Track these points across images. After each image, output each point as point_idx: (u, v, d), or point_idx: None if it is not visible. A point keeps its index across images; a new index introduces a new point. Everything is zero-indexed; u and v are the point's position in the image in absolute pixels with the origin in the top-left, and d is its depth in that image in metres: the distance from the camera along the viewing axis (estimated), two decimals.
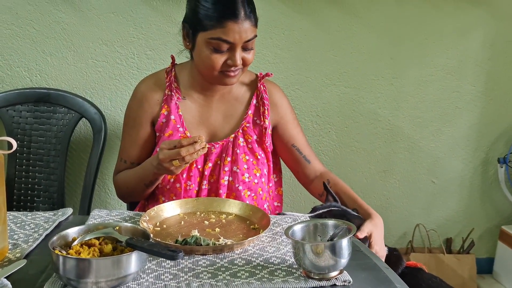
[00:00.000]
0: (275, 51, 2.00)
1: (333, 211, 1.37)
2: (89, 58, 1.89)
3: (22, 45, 1.86)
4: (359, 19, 2.02)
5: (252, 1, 1.29)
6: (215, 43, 1.25)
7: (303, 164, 1.47)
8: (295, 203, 2.16)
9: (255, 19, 1.29)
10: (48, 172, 1.81)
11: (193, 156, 1.17)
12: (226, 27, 1.23)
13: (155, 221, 1.18)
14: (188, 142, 1.16)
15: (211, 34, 1.25)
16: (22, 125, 1.81)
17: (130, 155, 1.42)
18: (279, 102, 1.46)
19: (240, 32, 1.24)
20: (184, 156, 1.16)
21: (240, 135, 1.40)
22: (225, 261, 0.99)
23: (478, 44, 2.12)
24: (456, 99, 2.17)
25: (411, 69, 2.11)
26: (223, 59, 1.27)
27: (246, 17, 1.25)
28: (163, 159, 1.19)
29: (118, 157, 1.46)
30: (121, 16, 1.88)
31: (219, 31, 1.24)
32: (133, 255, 0.86)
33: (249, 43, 1.28)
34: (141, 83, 1.45)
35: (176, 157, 1.17)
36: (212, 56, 1.27)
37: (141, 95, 1.42)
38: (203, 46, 1.27)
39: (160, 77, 1.43)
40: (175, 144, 1.17)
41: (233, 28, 1.23)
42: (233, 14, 1.23)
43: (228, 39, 1.24)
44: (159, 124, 1.39)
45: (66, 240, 0.93)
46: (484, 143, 2.24)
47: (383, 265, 1.02)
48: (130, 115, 1.44)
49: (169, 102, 1.39)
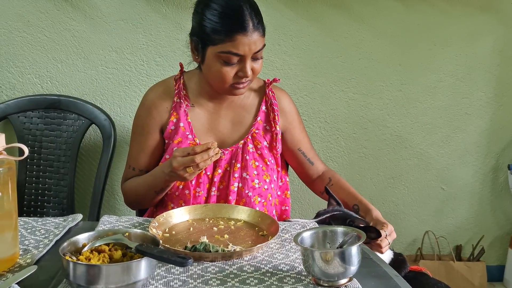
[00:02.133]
0: (283, 57, 2.01)
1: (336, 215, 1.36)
2: (99, 65, 1.91)
3: (33, 52, 1.88)
4: (367, 26, 2.02)
5: (259, 11, 1.29)
6: (225, 56, 1.25)
7: (307, 166, 1.51)
8: (303, 210, 2.15)
9: (263, 28, 1.29)
10: (58, 178, 1.83)
11: (206, 162, 1.17)
12: (235, 40, 1.23)
13: (164, 227, 1.18)
14: (202, 148, 1.16)
15: (221, 48, 1.25)
16: (33, 131, 1.83)
17: (139, 162, 1.43)
18: (288, 108, 1.47)
19: (249, 44, 1.24)
20: (198, 163, 1.17)
21: (250, 141, 1.41)
22: (234, 267, 0.99)
23: (487, 50, 2.11)
24: (465, 105, 2.16)
25: (419, 75, 2.11)
26: (233, 72, 1.28)
27: (254, 29, 1.25)
28: (177, 166, 1.19)
29: (127, 164, 1.46)
30: (131, 24, 1.90)
31: (229, 45, 1.24)
32: (142, 262, 0.87)
33: (258, 53, 1.28)
34: (149, 91, 1.46)
35: (190, 164, 1.17)
36: (222, 70, 1.27)
37: (150, 103, 1.42)
38: (213, 60, 1.27)
39: (168, 84, 1.44)
40: (188, 151, 1.17)
41: (242, 41, 1.23)
42: (242, 27, 1.23)
43: (238, 52, 1.24)
44: (168, 132, 1.40)
45: (76, 246, 0.93)
46: (494, 150, 2.22)
47: (393, 272, 1.02)
48: (138, 123, 1.44)
49: (178, 110, 1.40)
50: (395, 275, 1.00)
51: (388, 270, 1.02)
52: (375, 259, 1.08)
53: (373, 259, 1.08)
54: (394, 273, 1.02)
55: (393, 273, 1.02)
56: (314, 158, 1.51)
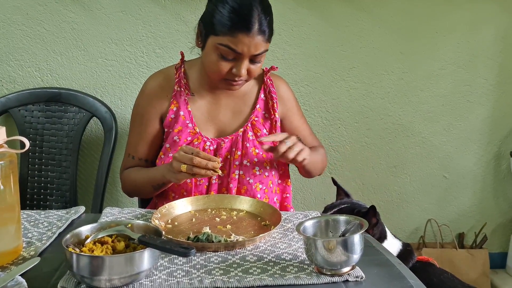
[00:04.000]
0: (284, 47, 2.00)
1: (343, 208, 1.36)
2: (98, 57, 1.90)
3: (32, 45, 1.87)
4: (368, 14, 2.01)
5: (269, 16, 1.27)
6: (223, 49, 1.24)
7: None
8: (306, 199, 2.16)
9: (270, 34, 1.27)
10: (60, 171, 1.83)
11: (201, 171, 1.18)
12: (236, 37, 1.23)
13: (167, 218, 1.18)
14: (205, 156, 1.18)
15: (220, 40, 1.24)
16: (34, 125, 1.83)
17: (138, 151, 1.43)
18: (286, 95, 1.48)
19: (249, 45, 1.24)
20: (194, 165, 1.17)
21: (249, 129, 1.41)
22: (236, 257, 0.99)
23: (489, 37, 2.10)
24: (467, 93, 2.15)
25: (421, 63, 2.09)
26: (228, 67, 1.27)
27: (259, 32, 1.24)
28: (177, 157, 1.21)
29: (126, 152, 1.46)
30: (130, 15, 1.89)
31: (229, 39, 1.23)
32: (145, 252, 0.87)
33: (257, 57, 1.27)
34: (150, 79, 1.45)
35: (188, 162, 1.18)
36: (218, 62, 1.27)
37: (150, 91, 1.42)
38: (211, 50, 1.27)
39: (169, 73, 1.43)
40: (193, 151, 1.19)
41: (243, 40, 1.23)
42: (246, 27, 1.22)
43: (236, 49, 1.24)
44: (167, 120, 1.40)
45: (79, 238, 0.94)
46: (497, 137, 2.21)
47: (395, 260, 1.02)
48: (138, 111, 1.44)
49: (178, 98, 1.39)
50: (397, 263, 1.01)
51: (390, 258, 1.02)
52: (378, 247, 1.09)
53: (375, 247, 1.08)
54: (397, 261, 1.02)
55: (396, 261, 1.02)
56: (310, 145, 1.50)
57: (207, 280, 0.89)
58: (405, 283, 0.92)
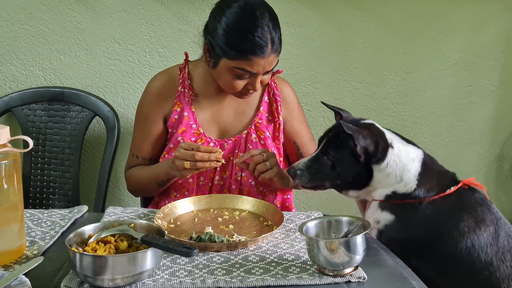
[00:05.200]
0: (286, 47, 1.99)
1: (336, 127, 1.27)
2: (101, 57, 1.91)
3: (36, 44, 1.88)
4: (371, 14, 2.01)
5: (279, 30, 1.28)
6: (238, 72, 1.26)
7: (298, 158, 1.51)
8: (308, 200, 2.16)
9: (280, 48, 1.29)
10: (63, 170, 1.83)
11: (205, 164, 1.19)
12: (251, 60, 1.23)
13: (169, 218, 1.19)
14: (206, 149, 1.19)
15: (236, 64, 1.24)
16: (36, 124, 1.83)
17: (142, 150, 1.44)
18: (289, 98, 1.47)
19: (264, 65, 1.26)
20: (197, 161, 1.18)
21: (253, 131, 1.41)
22: (239, 257, 1.00)
23: (492, 38, 2.09)
24: (470, 93, 2.14)
25: (424, 63, 2.09)
26: (243, 84, 1.29)
27: (272, 52, 1.25)
28: (178, 155, 1.21)
29: (130, 152, 1.48)
30: (133, 15, 1.89)
31: (244, 63, 1.24)
32: (148, 252, 0.87)
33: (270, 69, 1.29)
34: (154, 79, 1.45)
35: (190, 158, 1.19)
36: (233, 81, 1.28)
37: (154, 91, 1.42)
38: (225, 71, 1.27)
39: (173, 73, 1.43)
40: (193, 147, 1.20)
41: (258, 62, 1.24)
42: (261, 51, 1.23)
43: (252, 71, 1.25)
44: (171, 121, 1.40)
45: (82, 237, 0.94)
46: (499, 138, 2.21)
47: (397, 261, 1.02)
48: (142, 111, 1.44)
49: (182, 99, 1.40)
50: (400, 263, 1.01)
51: (393, 259, 1.02)
52: (380, 248, 1.09)
53: (378, 248, 1.08)
54: (399, 261, 1.02)
55: (398, 261, 1.02)
56: (307, 153, 1.49)
57: (210, 280, 0.89)
58: (407, 284, 0.92)
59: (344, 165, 1.20)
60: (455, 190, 1.21)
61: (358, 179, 1.22)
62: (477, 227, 1.17)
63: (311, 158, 1.25)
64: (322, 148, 1.24)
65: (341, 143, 1.20)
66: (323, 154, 1.23)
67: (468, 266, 1.14)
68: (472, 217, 1.18)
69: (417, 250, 1.16)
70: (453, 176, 1.28)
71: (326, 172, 1.22)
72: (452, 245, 1.15)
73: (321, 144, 1.25)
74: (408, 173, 1.21)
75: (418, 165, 1.23)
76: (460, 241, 1.15)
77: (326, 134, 1.27)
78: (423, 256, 1.16)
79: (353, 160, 1.20)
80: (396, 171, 1.21)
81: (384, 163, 1.20)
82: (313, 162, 1.24)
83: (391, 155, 1.21)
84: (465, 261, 1.14)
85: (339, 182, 1.24)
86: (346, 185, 1.24)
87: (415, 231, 1.18)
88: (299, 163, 1.26)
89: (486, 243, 1.16)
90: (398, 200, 1.21)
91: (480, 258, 1.14)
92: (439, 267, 1.16)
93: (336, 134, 1.22)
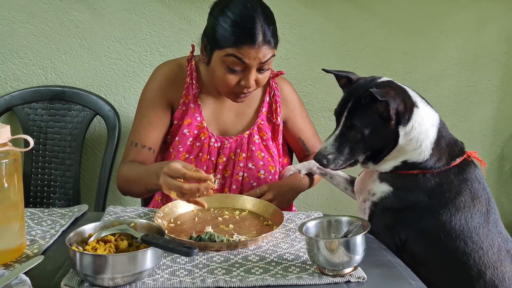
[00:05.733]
0: (287, 46, 1.99)
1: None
2: (102, 56, 1.91)
3: (36, 43, 1.88)
4: (372, 14, 2.00)
5: (273, 25, 1.26)
6: (229, 61, 1.23)
7: (305, 153, 1.55)
8: (308, 200, 2.15)
9: (275, 42, 1.26)
10: (63, 169, 1.83)
11: (193, 196, 1.05)
12: (242, 49, 1.22)
13: (169, 217, 1.19)
14: (194, 177, 1.04)
15: (227, 52, 1.23)
16: (37, 123, 1.83)
17: (143, 137, 1.37)
18: (290, 97, 1.48)
19: (256, 56, 1.23)
20: (185, 193, 1.06)
21: (255, 132, 1.41)
22: (239, 257, 1.00)
23: (494, 38, 2.09)
24: (471, 93, 2.14)
25: (425, 64, 2.09)
26: (236, 79, 1.26)
27: (264, 42, 1.23)
28: (163, 183, 1.09)
29: (128, 141, 1.39)
30: (134, 14, 1.89)
31: (234, 50, 1.22)
32: (148, 252, 0.87)
33: (265, 64, 1.26)
34: (163, 65, 1.43)
35: (176, 190, 1.06)
36: (226, 76, 1.26)
37: (164, 77, 1.39)
38: (218, 64, 1.26)
39: (181, 63, 1.42)
40: (179, 175, 1.05)
41: (249, 52, 1.22)
42: (251, 40, 1.21)
43: (243, 58, 1.23)
44: (179, 112, 1.39)
45: (83, 237, 0.94)
46: (500, 139, 2.21)
47: (397, 261, 1.02)
48: (148, 97, 1.39)
49: (190, 91, 1.39)
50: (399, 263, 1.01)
51: (392, 259, 1.02)
52: (380, 248, 1.09)
53: (378, 248, 1.08)
54: (399, 261, 1.02)
55: (398, 261, 1.02)
56: (314, 146, 1.53)
57: (210, 280, 0.89)
58: (407, 284, 0.92)
59: (375, 133, 1.12)
60: (459, 162, 1.17)
61: (386, 146, 1.15)
62: (472, 204, 1.14)
63: (335, 138, 1.16)
64: (345, 122, 1.15)
65: (365, 111, 1.12)
66: (348, 128, 1.14)
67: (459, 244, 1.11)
68: (470, 194, 1.14)
69: (411, 220, 1.13)
70: (462, 147, 1.22)
71: (358, 146, 1.14)
72: (446, 219, 1.12)
73: (342, 119, 1.16)
74: (427, 139, 1.15)
75: (435, 131, 1.17)
76: (455, 215, 1.11)
77: (342, 107, 1.17)
78: (415, 227, 1.13)
79: (382, 125, 1.12)
80: (418, 135, 1.14)
81: (409, 125, 1.13)
82: (340, 140, 1.16)
83: (416, 116, 1.15)
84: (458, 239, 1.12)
85: (370, 153, 1.16)
86: (373, 156, 1.17)
87: (411, 202, 1.14)
88: (324, 147, 1.17)
89: (479, 224, 1.13)
90: (404, 171, 1.15)
91: (472, 239, 1.12)
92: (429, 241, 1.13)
93: (356, 103, 1.14)
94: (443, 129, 1.21)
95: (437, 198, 1.13)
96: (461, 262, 1.13)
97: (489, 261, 1.13)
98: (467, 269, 1.12)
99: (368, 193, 1.21)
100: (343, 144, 1.16)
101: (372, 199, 1.19)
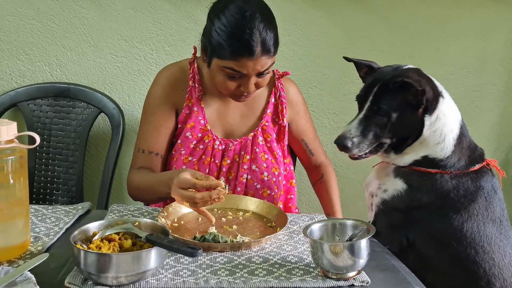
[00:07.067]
0: (293, 48, 1.99)
1: None
2: (108, 54, 1.91)
3: (43, 39, 1.88)
4: (378, 17, 2.00)
5: (272, 30, 1.22)
6: (228, 71, 1.22)
7: (308, 155, 1.54)
8: (311, 201, 2.15)
9: (275, 48, 1.23)
10: (67, 166, 1.84)
11: (206, 204, 1.06)
12: (240, 61, 1.20)
13: (173, 217, 1.19)
14: (204, 186, 1.05)
15: (225, 64, 1.21)
16: (42, 119, 1.84)
17: (150, 143, 1.37)
18: (295, 98, 1.47)
19: (254, 67, 1.21)
20: (197, 202, 1.06)
21: (260, 134, 1.41)
22: (242, 258, 0.99)
23: (500, 43, 2.08)
24: (476, 98, 2.13)
25: (430, 67, 2.05)
26: (235, 85, 1.26)
27: (263, 53, 1.19)
28: (176, 196, 1.10)
29: (135, 148, 1.40)
30: (141, 12, 1.89)
31: (233, 63, 1.20)
32: (152, 251, 0.87)
33: (264, 71, 1.24)
34: (164, 70, 1.43)
35: (189, 200, 1.07)
36: (225, 82, 1.25)
37: (166, 81, 1.39)
38: (217, 71, 1.25)
39: (183, 66, 1.41)
40: (189, 186, 1.06)
41: (247, 64, 1.20)
42: (249, 52, 1.18)
43: (241, 71, 1.21)
44: (182, 116, 1.38)
45: (87, 235, 0.94)
46: (504, 144, 2.20)
47: (401, 266, 1.02)
48: (151, 102, 1.39)
49: (193, 94, 1.39)
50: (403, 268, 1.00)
51: (396, 264, 1.02)
52: (384, 252, 1.08)
53: (382, 252, 1.08)
54: (403, 266, 1.02)
55: (402, 266, 1.02)
56: (316, 149, 1.53)
57: (213, 281, 0.89)
58: None
59: (401, 118, 1.11)
60: (478, 168, 1.16)
61: (410, 134, 1.13)
62: (485, 213, 1.12)
63: (359, 121, 1.14)
64: (370, 106, 1.13)
65: (394, 96, 1.11)
66: (374, 112, 1.12)
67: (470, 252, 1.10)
68: (485, 202, 1.13)
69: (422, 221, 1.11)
70: (482, 153, 1.22)
71: (383, 131, 1.11)
72: (458, 224, 1.10)
73: (366, 103, 1.15)
74: (450, 134, 1.13)
75: (458, 127, 1.17)
76: (467, 222, 1.10)
77: (367, 91, 1.16)
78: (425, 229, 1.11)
79: (409, 111, 1.11)
80: (442, 127, 1.13)
81: (435, 115, 1.13)
82: (365, 124, 1.13)
83: (442, 106, 1.14)
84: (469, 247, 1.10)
85: (393, 142, 1.14)
86: (395, 145, 1.15)
87: (423, 203, 1.12)
88: (348, 130, 1.14)
89: (491, 233, 1.12)
90: (423, 168, 1.13)
91: (484, 248, 1.10)
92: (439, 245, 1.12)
93: (383, 87, 1.13)
94: (465, 128, 1.20)
95: (451, 202, 1.12)
96: (470, 270, 1.11)
97: (500, 273, 1.11)
98: (476, 278, 1.11)
99: (378, 187, 1.18)
100: (368, 128, 1.14)
101: (382, 196, 1.17)
